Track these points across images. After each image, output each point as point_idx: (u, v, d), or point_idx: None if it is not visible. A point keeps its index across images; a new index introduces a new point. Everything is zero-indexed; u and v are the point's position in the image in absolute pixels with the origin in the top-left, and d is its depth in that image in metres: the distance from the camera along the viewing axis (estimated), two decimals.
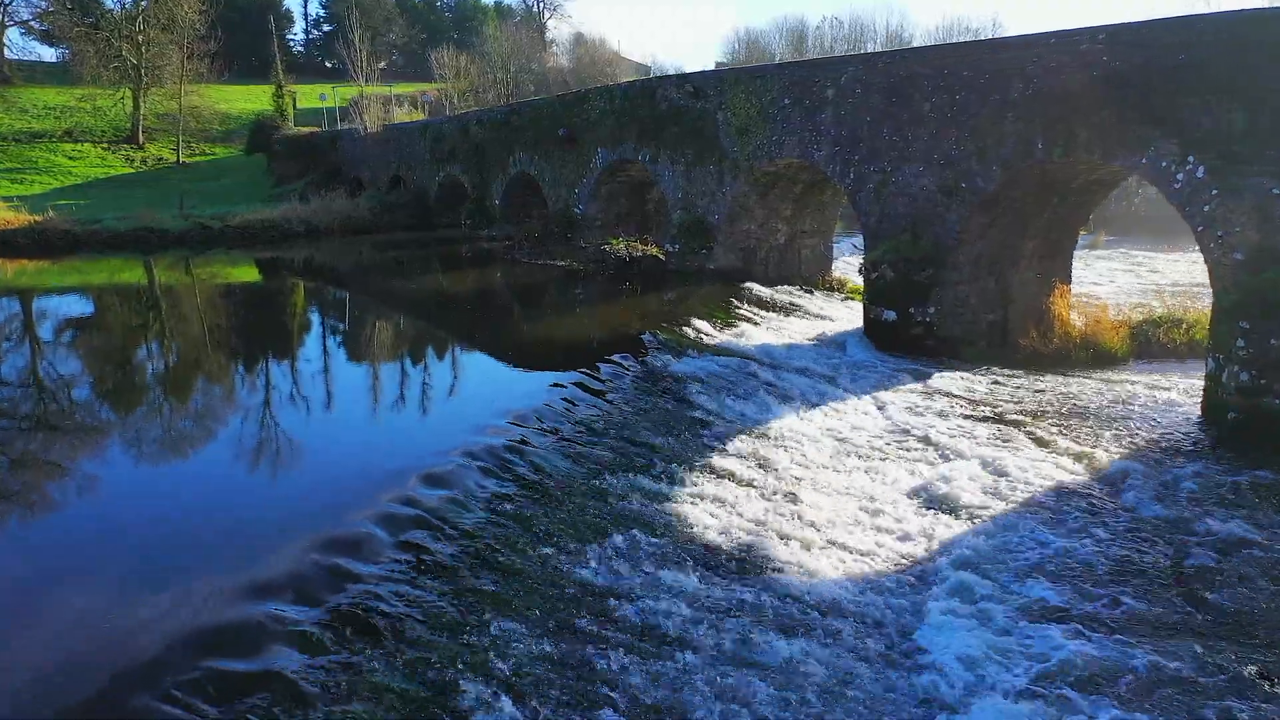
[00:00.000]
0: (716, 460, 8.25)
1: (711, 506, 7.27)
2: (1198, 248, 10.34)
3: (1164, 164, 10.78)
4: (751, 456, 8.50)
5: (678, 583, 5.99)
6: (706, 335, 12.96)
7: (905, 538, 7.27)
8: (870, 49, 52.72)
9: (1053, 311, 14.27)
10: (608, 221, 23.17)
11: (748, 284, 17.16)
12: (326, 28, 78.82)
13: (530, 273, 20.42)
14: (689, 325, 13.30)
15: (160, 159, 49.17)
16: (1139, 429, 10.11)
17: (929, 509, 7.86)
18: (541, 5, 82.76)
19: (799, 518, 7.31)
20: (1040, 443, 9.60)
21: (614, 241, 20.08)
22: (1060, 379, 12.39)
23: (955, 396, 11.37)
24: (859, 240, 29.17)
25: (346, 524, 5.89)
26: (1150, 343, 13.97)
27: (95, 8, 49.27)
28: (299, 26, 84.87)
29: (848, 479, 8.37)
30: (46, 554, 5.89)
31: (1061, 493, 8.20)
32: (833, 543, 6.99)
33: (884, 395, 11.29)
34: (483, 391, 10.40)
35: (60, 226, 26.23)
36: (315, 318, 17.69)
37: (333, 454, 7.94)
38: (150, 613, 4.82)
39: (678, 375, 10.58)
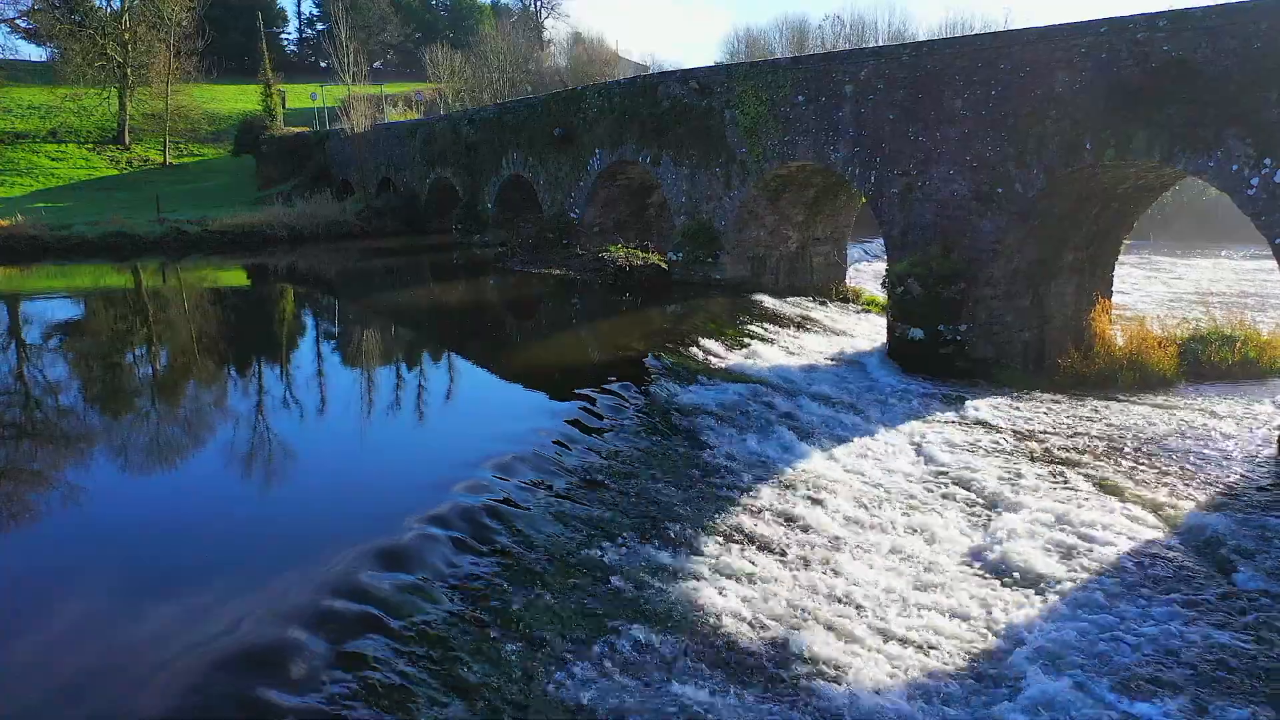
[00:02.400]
0: (735, 519, 6.98)
1: (732, 584, 5.99)
2: (1223, 254, 9.20)
3: (1234, 167, 9.54)
4: (776, 512, 7.23)
5: (694, 700, 4.72)
6: (715, 357, 11.69)
7: (967, 620, 6.00)
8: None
9: (1094, 328, 13.04)
10: (606, 227, 21.89)
11: (757, 295, 15.91)
12: (320, 26, 77.38)
13: (523, 283, 19.12)
14: (696, 345, 12.04)
15: (147, 160, 47.80)
16: (1210, 469, 8.87)
17: (990, 579, 6.60)
18: (539, 4, 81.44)
19: (839, 597, 6.04)
20: (1103, 488, 8.35)
21: (613, 249, 18.78)
22: (1108, 405, 11.15)
23: (998, 429, 10.11)
24: (870, 246, 28.00)
25: (270, 630, 4.61)
26: (1200, 362, 12.76)
27: (81, 5, 47.88)
28: (293, 25, 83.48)
29: (889, 539, 7.09)
30: None
31: (1140, 556, 6.93)
32: (882, 631, 5.72)
33: (918, 428, 10.03)
34: (463, 430, 9.08)
35: (28, 232, 24.79)
36: (280, 338, 16.04)
37: (266, 522, 6.46)
38: None
39: (686, 408, 9.30)
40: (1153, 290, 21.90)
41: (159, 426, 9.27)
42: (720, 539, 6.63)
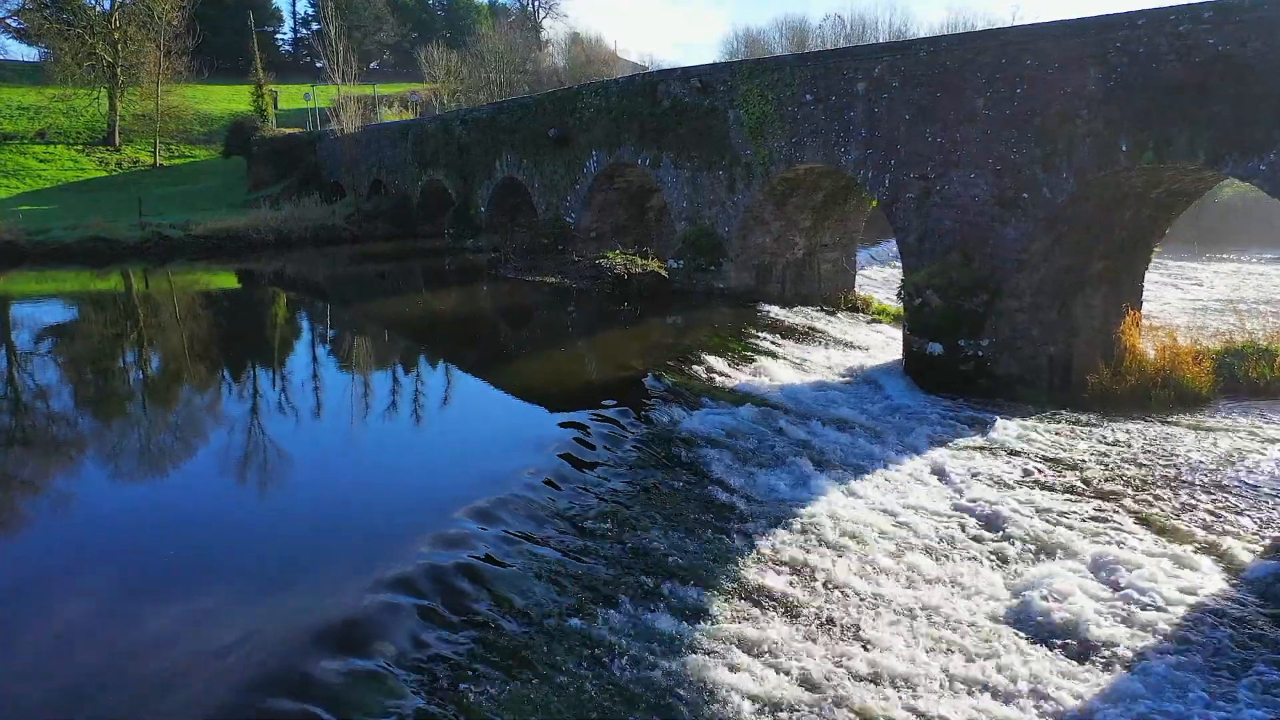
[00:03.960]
0: (748, 573, 6.15)
1: (746, 658, 5.16)
2: (1235, 257, 8.43)
3: None
4: (792, 563, 6.40)
5: None
6: (721, 376, 10.86)
7: (1017, 702, 5.16)
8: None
9: (1123, 342, 12.19)
10: (603, 232, 21.04)
11: (763, 306, 15.08)
12: (315, 26, 76.55)
13: (516, 292, 18.26)
14: (699, 362, 11.20)
15: (137, 161, 46.95)
16: (1266, 503, 8.04)
17: (1038, 644, 5.75)
18: (537, 4, 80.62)
19: (869, 672, 5.20)
20: (1152, 527, 7.53)
21: (610, 255, 18.00)
22: (1144, 427, 10.33)
23: (1027, 455, 9.27)
24: (878, 251, 27.13)
25: None
26: (1236, 378, 11.95)
27: (70, 4, 46.99)
28: (287, 25, 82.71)
29: (920, 595, 6.26)
30: None
31: (1207, 618, 6.10)
32: (923, 716, 4.89)
33: (941, 455, 9.19)
34: (444, 465, 8.23)
35: (3, 237, 23.84)
36: (261, 353, 15.00)
37: (203, 582, 5.50)
38: None
39: (690, 437, 8.47)
40: (1172, 297, 21.07)
41: (101, 453, 8.43)
42: (731, 598, 5.81)
